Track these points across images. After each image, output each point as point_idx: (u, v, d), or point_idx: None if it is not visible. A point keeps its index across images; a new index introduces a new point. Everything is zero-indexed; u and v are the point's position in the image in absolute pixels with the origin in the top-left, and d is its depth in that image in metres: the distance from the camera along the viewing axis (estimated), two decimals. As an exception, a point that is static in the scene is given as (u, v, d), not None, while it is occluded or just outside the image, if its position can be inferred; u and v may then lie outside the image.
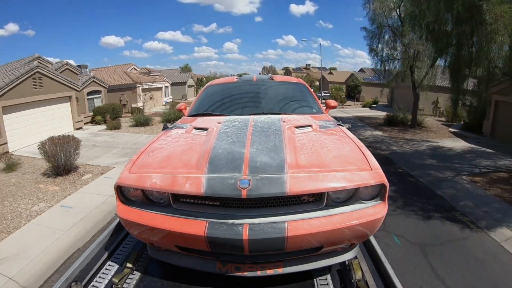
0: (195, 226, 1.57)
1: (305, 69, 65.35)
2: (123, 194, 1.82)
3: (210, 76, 54.47)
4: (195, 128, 2.44)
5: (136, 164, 1.89)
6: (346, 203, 1.68)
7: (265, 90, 3.43)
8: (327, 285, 1.80)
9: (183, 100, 31.81)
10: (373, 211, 1.67)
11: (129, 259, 1.93)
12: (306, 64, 71.61)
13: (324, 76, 42.11)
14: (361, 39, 15.99)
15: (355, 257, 1.88)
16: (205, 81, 41.30)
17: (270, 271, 1.70)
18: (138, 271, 1.89)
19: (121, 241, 2.27)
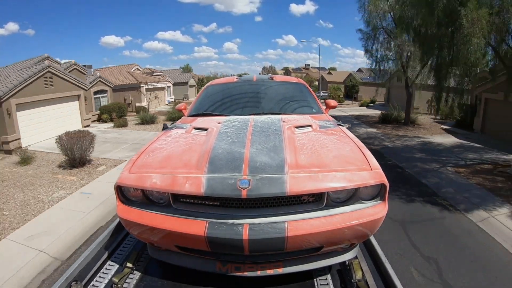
0: (195, 226, 1.58)
1: (305, 69, 66.09)
2: (123, 194, 1.83)
3: (211, 76, 54.90)
4: (195, 128, 2.45)
5: (136, 164, 1.89)
6: (346, 203, 1.69)
7: (265, 90, 3.44)
8: (327, 285, 1.79)
9: (185, 100, 32.50)
10: (373, 211, 1.68)
11: (129, 259, 1.93)
12: (306, 64, 72.43)
13: (323, 76, 42.82)
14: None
15: (355, 257, 1.88)
16: (206, 81, 41.80)
17: (270, 271, 1.70)
18: (138, 271, 1.89)
19: (121, 241, 2.27)
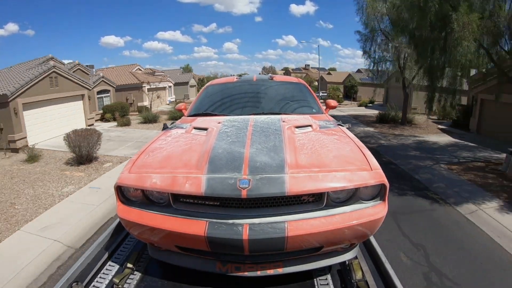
0: (195, 226, 1.58)
1: (304, 70, 66.53)
2: (123, 194, 1.83)
3: (211, 76, 55.15)
4: (195, 128, 2.45)
5: (136, 164, 1.90)
6: (346, 203, 1.69)
7: (265, 90, 3.45)
8: (327, 285, 1.79)
9: (186, 100, 32.87)
10: (373, 211, 1.68)
11: (130, 260, 1.94)
12: (306, 65, 72.94)
13: (323, 77, 43.21)
14: (360, 40, 17.01)
15: (355, 257, 1.89)
16: (206, 81, 42.13)
17: (270, 271, 1.71)
18: (139, 271, 1.90)
19: (122, 242, 2.28)
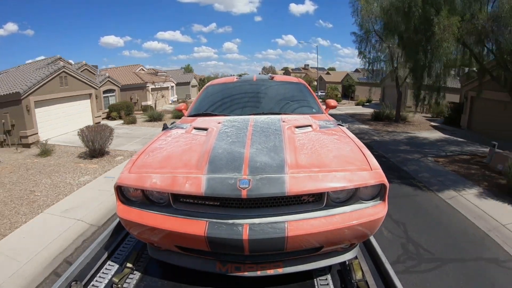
0: (195, 226, 1.59)
1: (304, 70, 67.28)
2: (123, 194, 1.84)
3: (212, 76, 55.70)
4: (195, 128, 2.45)
5: (136, 164, 1.90)
6: (346, 203, 1.70)
7: (265, 90, 3.45)
8: (327, 285, 1.80)
9: (187, 100, 33.60)
10: (373, 211, 1.68)
11: (129, 259, 1.94)
12: (305, 65, 73.71)
13: (322, 77, 43.93)
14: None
15: (355, 257, 1.89)
16: (207, 81, 42.73)
17: (270, 271, 1.71)
18: (138, 271, 1.90)
19: (121, 241, 2.28)
